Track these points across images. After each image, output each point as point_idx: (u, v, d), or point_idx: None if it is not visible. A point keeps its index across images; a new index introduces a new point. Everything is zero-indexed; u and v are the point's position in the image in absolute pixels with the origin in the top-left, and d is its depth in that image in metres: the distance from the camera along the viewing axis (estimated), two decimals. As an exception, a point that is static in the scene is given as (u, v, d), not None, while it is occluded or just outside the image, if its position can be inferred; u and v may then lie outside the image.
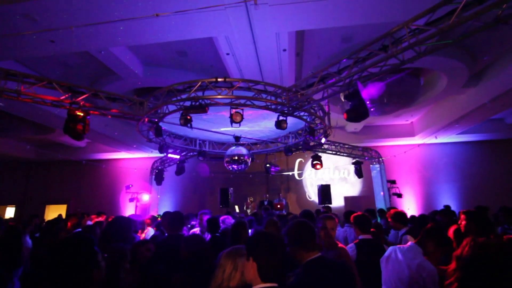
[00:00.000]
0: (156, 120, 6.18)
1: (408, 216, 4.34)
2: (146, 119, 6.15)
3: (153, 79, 7.24)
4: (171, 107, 5.86)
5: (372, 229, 3.41)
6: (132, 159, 13.08)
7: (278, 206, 9.69)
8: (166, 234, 3.17)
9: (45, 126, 9.50)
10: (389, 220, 4.01)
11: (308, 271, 1.68)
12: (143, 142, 8.89)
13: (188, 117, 5.27)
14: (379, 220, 6.73)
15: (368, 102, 8.14)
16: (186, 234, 3.32)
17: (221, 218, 4.34)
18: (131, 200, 11.68)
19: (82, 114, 5.31)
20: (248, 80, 5.16)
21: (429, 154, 12.00)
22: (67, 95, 5.31)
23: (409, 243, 2.48)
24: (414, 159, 11.93)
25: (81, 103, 5.34)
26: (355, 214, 3.20)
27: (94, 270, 1.30)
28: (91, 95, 5.62)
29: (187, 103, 5.31)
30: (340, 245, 2.58)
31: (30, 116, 8.14)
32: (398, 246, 2.49)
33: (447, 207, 5.83)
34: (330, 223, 2.57)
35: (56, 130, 10.15)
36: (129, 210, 12.13)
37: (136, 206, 11.68)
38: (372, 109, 8.55)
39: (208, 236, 3.73)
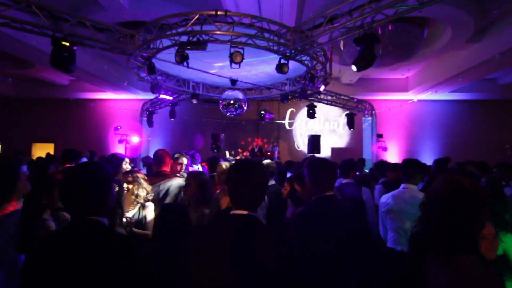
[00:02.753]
0: (149, 56, 5.79)
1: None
2: (138, 55, 5.74)
3: (141, 12, 6.54)
4: (165, 42, 5.45)
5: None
6: (120, 100, 12.59)
7: (268, 153, 9.91)
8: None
9: (24, 60, 8.77)
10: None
11: (320, 204, 1.79)
12: (133, 82, 8.44)
13: (185, 54, 4.95)
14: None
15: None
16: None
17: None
18: (120, 141, 11.56)
19: (67, 44, 4.89)
20: (251, 16, 4.78)
21: (418, 110, 12.20)
22: (49, 22, 4.80)
23: (402, 185, 2.67)
24: (402, 114, 12.14)
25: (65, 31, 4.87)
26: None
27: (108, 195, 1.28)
28: (76, 23, 5.10)
29: (184, 38, 4.94)
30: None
31: (7, 47, 7.40)
32: (397, 191, 2.67)
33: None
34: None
35: (35, 65, 9.43)
36: (118, 151, 12.07)
37: (126, 148, 11.62)
38: (371, 60, 8.35)
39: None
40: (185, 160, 3.47)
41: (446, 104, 12.07)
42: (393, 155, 11.80)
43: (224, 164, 3.04)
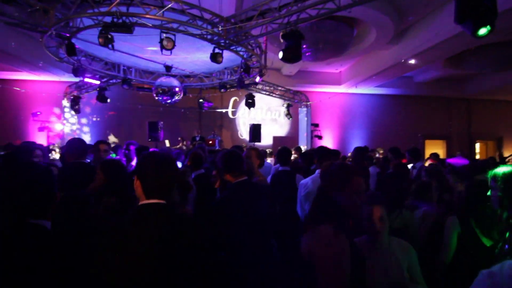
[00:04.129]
0: (68, 35, 5.19)
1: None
2: (54, 33, 5.10)
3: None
4: (87, 21, 4.94)
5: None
6: (40, 82, 11.04)
7: (210, 142, 9.84)
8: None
9: None
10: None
11: (234, 190, 2.00)
12: (51, 61, 7.46)
13: (109, 36, 4.56)
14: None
15: (304, 46, 8.30)
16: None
17: (150, 149, 4.24)
18: (41, 129, 10.27)
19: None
20: (183, 2, 4.59)
21: (350, 102, 13.32)
22: None
23: (318, 171, 2.96)
24: (336, 106, 13.13)
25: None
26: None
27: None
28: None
29: (108, 19, 4.54)
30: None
31: None
32: (314, 176, 2.94)
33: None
34: (253, 153, 2.83)
35: None
36: (39, 140, 10.73)
37: (48, 136, 10.39)
38: (307, 54, 8.78)
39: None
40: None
41: (372, 98, 13.40)
42: (328, 143, 12.74)
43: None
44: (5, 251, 1.08)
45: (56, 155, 8.08)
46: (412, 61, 8.56)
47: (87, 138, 10.97)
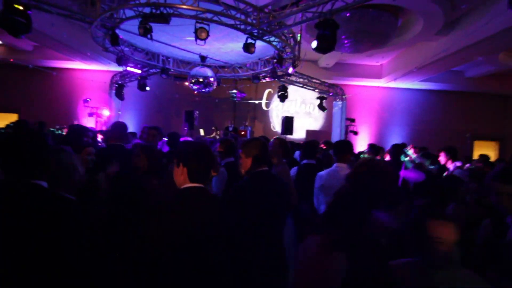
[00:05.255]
0: (112, 26, 5.53)
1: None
2: (100, 23, 5.47)
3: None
4: (129, 13, 5.22)
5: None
6: (89, 71, 12.00)
7: (242, 133, 9.97)
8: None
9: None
10: None
11: (254, 179, 2.02)
12: (99, 51, 8.03)
13: (148, 27, 4.77)
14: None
15: (343, 37, 7.95)
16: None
17: (182, 139, 4.40)
18: (90, 114, 11.18)
19: (21, 8, 4.58)
20: (217, -9, 4.65)
21: (390, 97, 12.57)
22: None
23: (335, 165, 2.89)
24: (375, 100, 12.48)
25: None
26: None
27: None
28: (30, -16, 4.75)
29: (147, 10, 4.75)
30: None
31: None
32: (330, 169, 2.87)
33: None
34: (277, 143, 2.84)
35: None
36: (89, 124, 11.68)
37: (97, 121, 11.27)
38: (346, 45, 8.41)
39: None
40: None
41: (415, 93, 12.50)
42: (364, 139, 12.23)
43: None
44: (11, 205, 1.21)
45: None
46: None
47: (130, 124, 11.70)
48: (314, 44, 4.10)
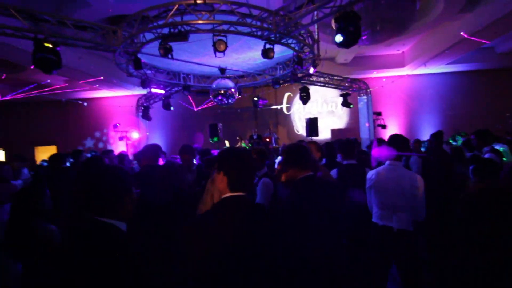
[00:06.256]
0: (134, 51, 5.75)
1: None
2: (122, 50, 5.71)
3: (126, 5, 6.48)
4: (149, 36, 5.40)
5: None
6: (116, 97, 12.63)
7: (267, 139, 9.92)
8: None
9: (13, 63, 8.77)
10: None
11: (301, 186, 1.89)
12: (124, 77, 8.41)
13: (168, 46, 4.90)
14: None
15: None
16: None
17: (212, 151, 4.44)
18: (121, 138, 11.67)
19: (51, 46, 4.88)
20: (231, 2, 4.68)
21: (416, 85, 12.01)
22: (29, 24, 4.77)
23: (387, 162, 2.66)
24: (400, 90, 11.97)
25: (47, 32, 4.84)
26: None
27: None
28: (57, 23, 5.06)
29: (165, 30, 4.89)
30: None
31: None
32: (382, 167, 2.67)
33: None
34: (313, 146, 2.70)
35: (27, 69, 9.43)
36: (120, 148, 12.20)
37: (127, 145, 11.73)
38: (363, 37, 8.15)
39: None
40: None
41: (443, 77, 11.85)
42: (393, 132, 11.68)
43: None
44: (67, 245, 1.18)
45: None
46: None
47: (158, 143, 12.05)
48: (338, 38, 3.97)
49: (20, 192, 2.16)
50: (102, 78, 9.59)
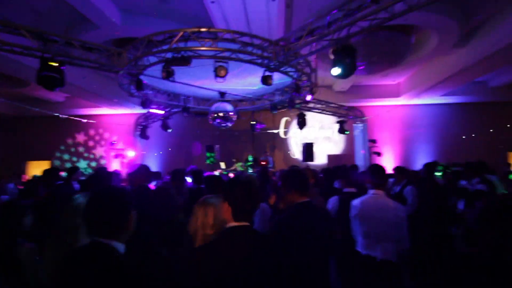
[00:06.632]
0: (137, 72, 5.90)
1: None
2: (126, 72, 5.85)
3: (132, 28, 6.72)
4: (152, 59, 5.57)
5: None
6: (115, 115, 12.71)
7: (263, 163, 9.94)
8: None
9: (18, 78, 8.93)
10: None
11: (297, 211, 1.92)
12: (125, 96, 8.54)
13: (170, 70, 5.04)
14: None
15: (356, 60, 8.03)
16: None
17: (205, 173, 4.43)
18: (116, 156, 11.62)
19: (56, 64, 5.01)
20: (233, 31, 4.90)
21: (411, 114, 12.27)
22: (38, 44, 4.92)
23: (371, 192, 2.67)
24: (396, 119, 12.21)
25: (54, 52, 4.99)
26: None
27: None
28: (65, 43, 5.23)
29: (169, 55, 5.05)
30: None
31: (0, 67, 7.57)
32: (366, 196, 2.68)
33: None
34: (308, 172, 2.73)
35: (31, 84, 9.58)
36: (114, 166, 12.12)
37: (122, 163, 11.67)
38: (361, 68, 8.46)
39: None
40: None
41: (437, 108, 12.14)
42: (388, 160, 11.80)
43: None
44: (72, 267, 1.18)
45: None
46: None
47: (154, 163, 12.03)
48: (336, 70, 4.13)
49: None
50: (103, 96, 9.73)
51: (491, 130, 11.55)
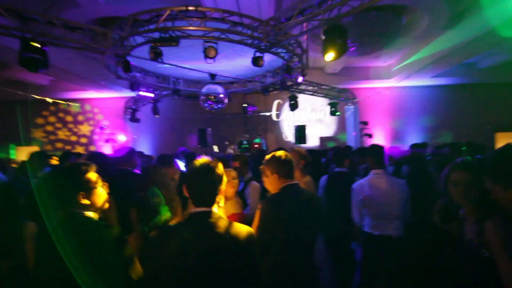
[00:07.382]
0: (123, 53, 5.72)
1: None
2: (112, 53, 5.67)
3: (116, 7, 6.44)
4: (139, 39, 5.39)
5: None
6: (104, 99, 12.42)
7: (256, 145, 9.98)
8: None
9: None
10: None
11: (285, 192, 1.95)
12: (112, 79, 8.31)
13: (158, 51, 4.91)
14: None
15: (348, 41, 7.94)
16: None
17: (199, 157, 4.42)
18: (107, 141, 11.47)
19: (38, 45, 4.81)
20: (222, 10, 4.76)
21: (402, 96, 12.35)
22: (17, 23, 4.69)
23: (372, 172, 2.72)
24: (387, 101, 12.29)
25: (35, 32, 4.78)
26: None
27: None
28: (46, 23, 5.00)
29: (156, 35, 4.90)
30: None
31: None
32: (368, 177, 2.72)
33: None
34: (296, 154, 2.77)
35: (13, 66, 9.22)
36: (106, 150, 11.98)
37: (113, 147, 11.54)
38: (352, 49, 8.38)
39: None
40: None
41: (428, 89, 12.24)
42: (379, 141, 11.96)
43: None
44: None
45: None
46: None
47: (146, 147, 11.93)
48: (326, 50, 4.08)
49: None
50: (90, 79, 9.45)
51: (479, 111, 11.78)
